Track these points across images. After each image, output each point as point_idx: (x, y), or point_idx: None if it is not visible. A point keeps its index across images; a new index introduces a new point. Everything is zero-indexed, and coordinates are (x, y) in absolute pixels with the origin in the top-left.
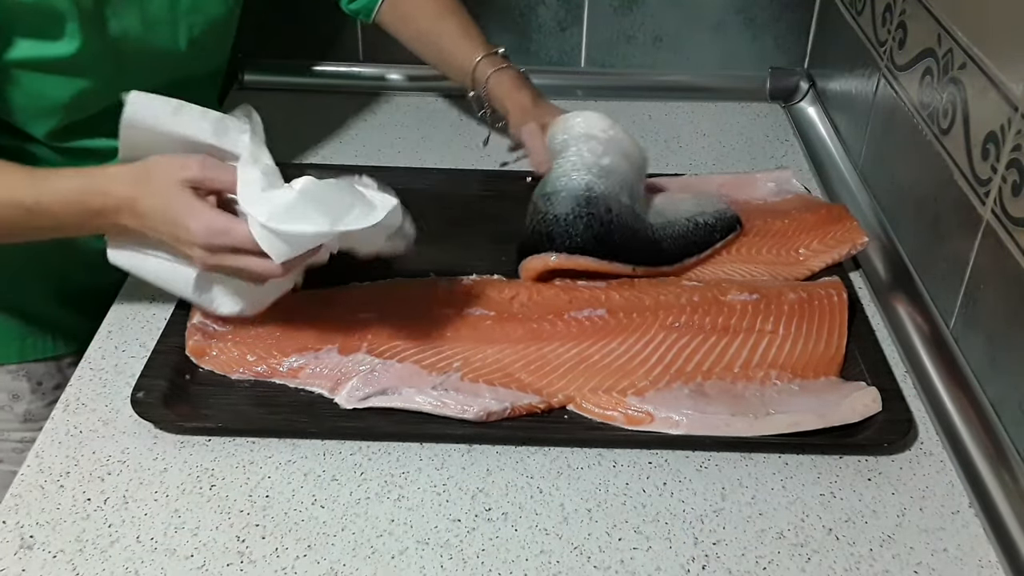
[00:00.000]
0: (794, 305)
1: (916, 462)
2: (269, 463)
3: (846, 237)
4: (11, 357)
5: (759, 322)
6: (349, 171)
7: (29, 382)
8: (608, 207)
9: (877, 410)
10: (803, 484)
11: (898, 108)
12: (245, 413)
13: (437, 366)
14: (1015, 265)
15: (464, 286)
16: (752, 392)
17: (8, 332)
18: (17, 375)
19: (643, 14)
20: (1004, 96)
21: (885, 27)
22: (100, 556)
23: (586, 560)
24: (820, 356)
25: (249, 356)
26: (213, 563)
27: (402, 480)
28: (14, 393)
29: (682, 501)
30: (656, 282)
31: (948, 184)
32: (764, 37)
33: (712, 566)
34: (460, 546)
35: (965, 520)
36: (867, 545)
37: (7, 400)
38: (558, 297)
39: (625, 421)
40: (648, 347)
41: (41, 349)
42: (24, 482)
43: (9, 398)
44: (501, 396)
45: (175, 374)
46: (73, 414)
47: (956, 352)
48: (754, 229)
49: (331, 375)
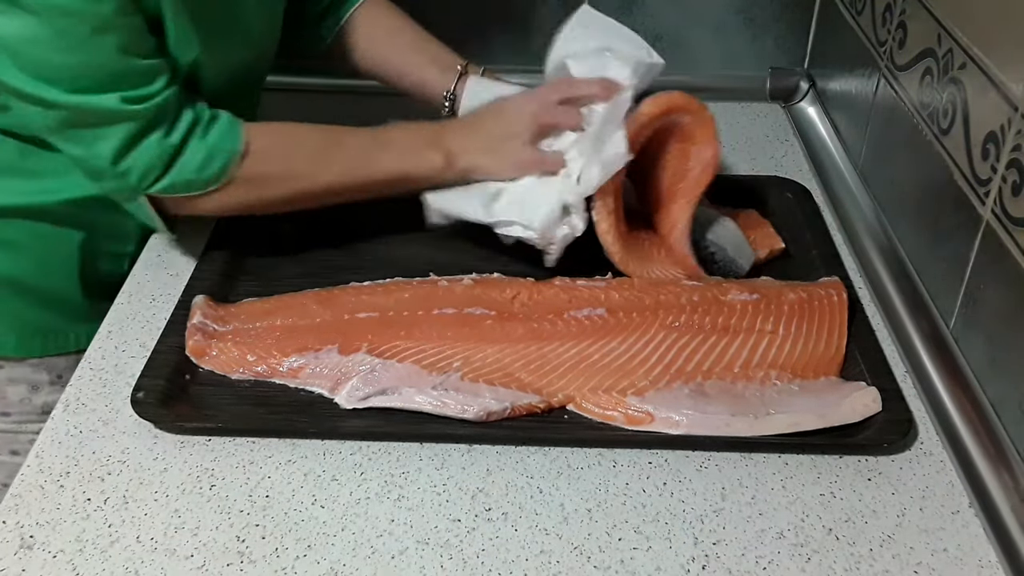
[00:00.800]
0: (794, 305)
1: (916, 462)
2: (269, 463)
3: (764, 243)
4: (34, 351)
5: (759, 322)
6: None
7: (49, 375)
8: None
9: (877, 410)
10: (803, 484)
11: (898, 108)
12: (245, 413)
13: (437, 366)
14: (1015, 265)
15: (464, 285)
16: (752, 392)
17: (31, 326)
18: (38, 368)
19: (643, 14)
20: (1004, 96)
21: (885, 27)
22: (100, 556)
23: (586, 560)
24: (820, 356)
25: (249, 356)
26: (213, 563)
27: (402, 480)
28: (33, 385)
29: (682, 501)
30: (656, 282)
31: (948, 184)
32: (764, 37)
33: (712, 566)
34: (460, 546)
35: (965, 520)
36: (867, 545)
37: (26, 393)
38: (558, 297)
39: (625, 421)
40: (648, 347)
41: (63, 343)
42: (24, 482)
43: (29, 390)
44: (501, 396)
45: (175, 374)
46: (73, 414)
47: (956, 352)
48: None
49: (331, 375)
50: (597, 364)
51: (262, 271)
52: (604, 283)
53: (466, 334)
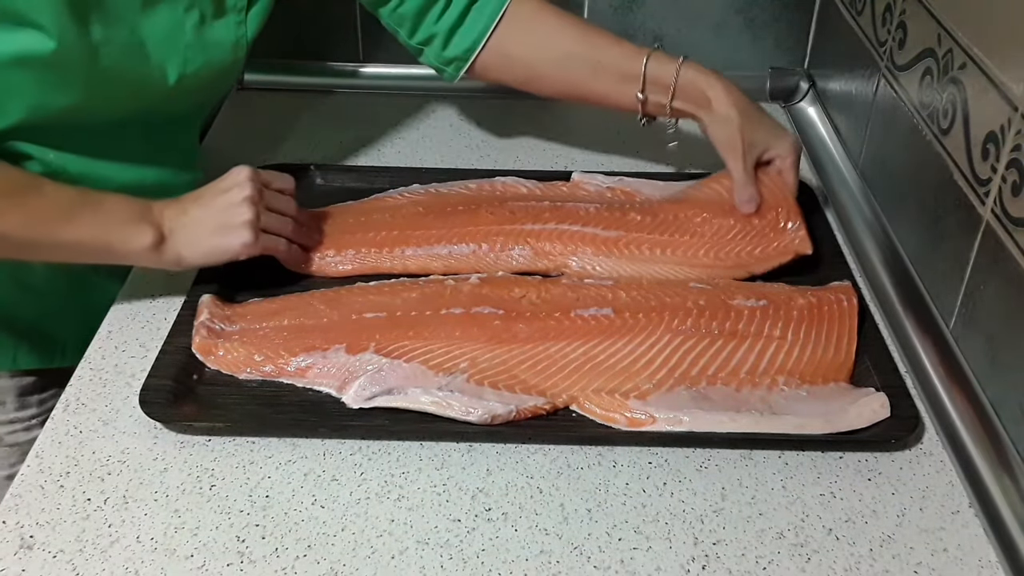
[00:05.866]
0: (803, 310)
1: (916, 462)
2: (269, 463)
3: (788, 249)
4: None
5: (767, 327)
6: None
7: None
8: None
9: (885, 415)
10: (803, 484)
11: (898, 108)
12: (253, 413)
13: (444, 366)
14: (1015, 265)
15: (472, 285)
16: (757, 397)
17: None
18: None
19: (643, 14)
20: (1004, 96)
21: (885, 27)
22: (100, 556)
23: (586, 560)
24: (830, 362)
25: (256, 356)
26: (213, 563)
27: (402, 480)
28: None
29: (682, 501)
30: (663, 283)
31: (948, 184)
32: (764, 37)
33: (712, 566)
34: (460, 546)
35: (965, 520)
36: (867, 545)
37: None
38: (565, 295)
39: (627, 424)
40: (653, 349)
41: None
42: (24, 482)
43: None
44: (506, 399)
45: (183, 374)
46: (73, 414)
47: (956, 352)
48: (694, 229)
49: (338, 375)
50: (602, 365)
51: (268, 270)
52: (612, 282)
53: (474, 334)
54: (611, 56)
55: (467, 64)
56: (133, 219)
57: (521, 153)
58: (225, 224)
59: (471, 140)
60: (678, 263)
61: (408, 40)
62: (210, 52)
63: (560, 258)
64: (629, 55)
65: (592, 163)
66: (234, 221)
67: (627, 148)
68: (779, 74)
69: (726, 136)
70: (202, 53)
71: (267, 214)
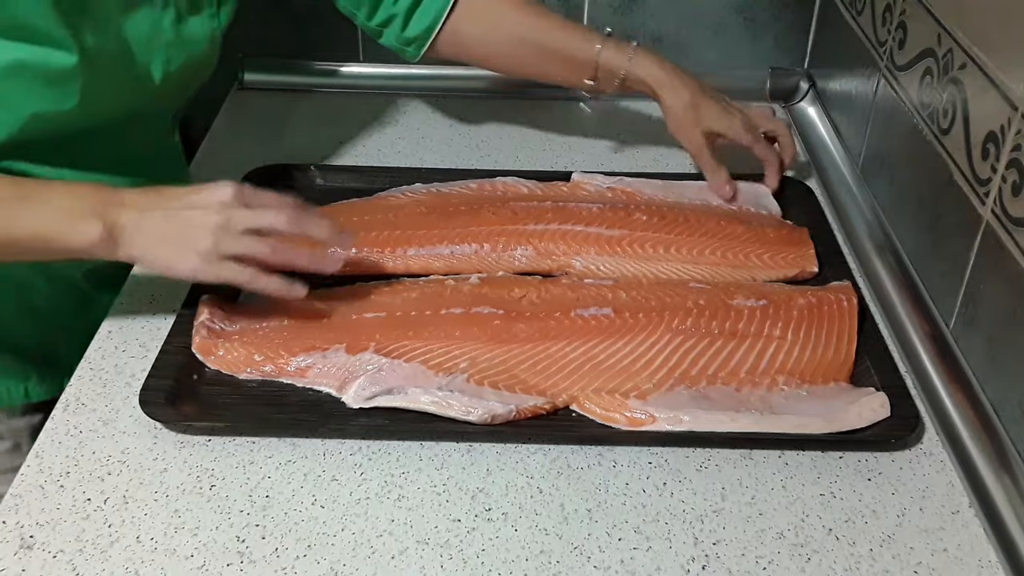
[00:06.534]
0: (803, 310)
1: (916, 462)
2: (269, 463)
3: (797, 262)
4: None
5: (767, 327)
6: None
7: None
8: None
9: (885, 415)
10: (803, 484)
11: (898, 108)
12: (254, 412)
13: (444, 366)
14: (1015, 265)
15: (472, 284)
16: (757, 397)
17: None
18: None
19: (643, 14)
20: (1004, 96)
21: (885, 27)
22: (100, 556)
23: (586, 560)
24: (830, 362)
25: (256, 356)
26: (213, 563)
27: (402, 480)
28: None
29: (682, 501)
30: (663, 283)
31: (948, 184)
32: (764, 37)
33: (712, 566)
34: (460, 546)
35: (965, 520)
36: (867, 545)
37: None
38: (565, 295)
39: (627, 423)
40: (653, 349)
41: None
42: (24, 482)
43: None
44: (506, 399)
45: (183, 374)
46: (73, 414)
47: (956, 352)
48: (704, 229)
49: (338, 374)
50: (602, 365)
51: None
52: (612, 282)
53: (474, 334)
54: (563, 43)
55: (427, 43)
56: (78, 213)
57: (521, 153)
58: (179, 242)
59: (471, 140)
60: (683, 261)
61: (367, 22)
62: (189, 47)
63: (563, 258)
64: (581, 43)
65: (592, 163)
66: (187, 243)
67: (627, 148)
68: (779, 74)
69: (678, 125)
70: (182, 49)
71: (239, 240)
